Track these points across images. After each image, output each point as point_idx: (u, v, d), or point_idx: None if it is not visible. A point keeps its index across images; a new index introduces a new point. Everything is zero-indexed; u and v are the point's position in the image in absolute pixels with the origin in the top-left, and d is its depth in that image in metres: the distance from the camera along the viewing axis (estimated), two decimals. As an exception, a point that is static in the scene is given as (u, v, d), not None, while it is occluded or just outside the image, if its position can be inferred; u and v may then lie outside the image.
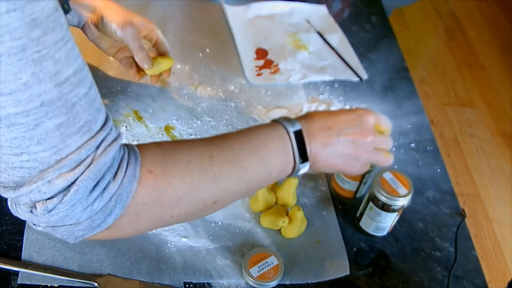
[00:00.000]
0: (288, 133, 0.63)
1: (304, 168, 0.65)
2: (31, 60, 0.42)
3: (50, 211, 0.48)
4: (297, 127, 0.64)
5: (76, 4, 0.86)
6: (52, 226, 0.51)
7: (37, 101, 0.44)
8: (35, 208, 0.49)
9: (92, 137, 0.49)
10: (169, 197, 0.55)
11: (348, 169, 0.68)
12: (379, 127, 0.69)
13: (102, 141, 0.50)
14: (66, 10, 0.67)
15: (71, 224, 0.50)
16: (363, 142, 0.66)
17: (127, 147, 0.55)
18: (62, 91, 0.45)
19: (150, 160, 0.54)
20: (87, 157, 0.49)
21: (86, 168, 0.48)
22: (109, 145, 0.50)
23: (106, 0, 0.87)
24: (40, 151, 0.46)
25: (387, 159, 0.70)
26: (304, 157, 0.64)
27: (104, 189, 0.50)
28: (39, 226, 0.51)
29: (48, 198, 0.48)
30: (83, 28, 0.90)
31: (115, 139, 0.51)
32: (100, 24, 0.87)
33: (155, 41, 0.92)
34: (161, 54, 0.93)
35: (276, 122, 0.65)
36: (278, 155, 0.63)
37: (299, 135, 0.64)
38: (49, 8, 0.43)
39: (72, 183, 0.48)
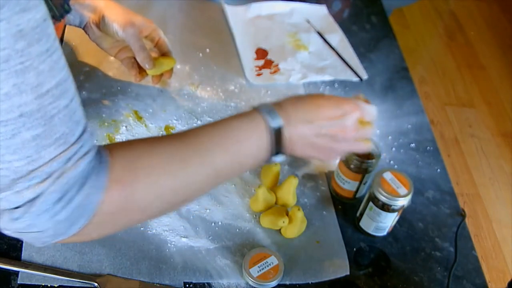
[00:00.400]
0: (267, 127, 0.62)
1: (278, 159, 0.64)
2: (14, 71, 0.42)
3: (16, 219, 0.48)
4: (278, 122, 0.62)
5: (77, 4, 0.86)
6: (18, 232, 0.51)
7: (16, 112, 0.44)
8: (1, 215, 0.49)
9: (66, 149, 0.49)
10: (136, 205, 0.54)
11: (324, 158, 0.68)
12: (363, 120, 0.68)
13: (74, 154, 0.49)
14: (67, 10, 0.67)
15: (36, 232, 0.50)
16: (343, 138, 0.66)
17: (98, 153, 0.53)
18: (42, 103, 0.45)
19: (119, 168, 0.53)
20: (57, 169, 0.48)
21: (55, 181, 0.48)
22: (80, 158, 0.50)
23: (107, 0, 0.87)
24: (14, 160, 0.46)
25: (365, 147, 0.70)
26: (280, 149, 0.63)
27: (70, 200, 0.50)
28: (7, 231, 0.51)
29: (15, 208, 0.48)
30: (84, 28, 0.90)
31: (87, 152, 0.51)
32: (101, 24, 0.87)
33: (156, 41, 0.92)
34: (163, 54, 0.93)
35: (256, 112, 0.63)
36: (252, 151, 0.62)
37: (278, 130, 0.62)
38: (36, 20, 0.43)
39: (40, 194, 0.48)
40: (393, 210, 0.78)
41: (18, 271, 0.70)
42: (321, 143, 0.65)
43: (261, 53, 1.12)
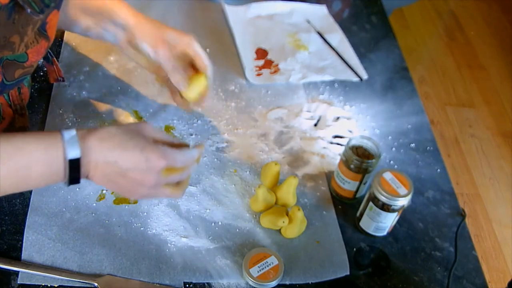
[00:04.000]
0: (64, 157, 0.61)
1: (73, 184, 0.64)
2: None
3: None
4: (75, 154, 0.61)
5: (110, 22, 0.84)
6: None
7: None
8: None
9: None
10: None
11: (127, 196, 0.69)
12: (173, 167, 0.66)
13: None
14: (47, 4, 0.63)
15: None
16: (143, 184, 0.65)
17: None
18: None
19: None
20: None
21: None
22: None
23: (137, 17, 0.83)
24: None
25: (174, 194, 0.69)
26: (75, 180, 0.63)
27: None
28: None
29: None
30: (120, 46, 0.87)
31: None
32: (133, 44, 0.84)
33: (192, 56, 0.84)
34: (199, 69, 0.85)
35: (58, 138, 0.61)
36: (43, 176, 0.62)
37: (75, 163, 0.62)
38: None
39: None
40: (393, 210, 0.78)
41: (18, 271, 0.70)
42: (122, 183, 0.65)
43: (261, 53, 1.12)
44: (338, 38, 1.18)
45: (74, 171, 0.62)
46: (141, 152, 0.64)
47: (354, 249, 0.82)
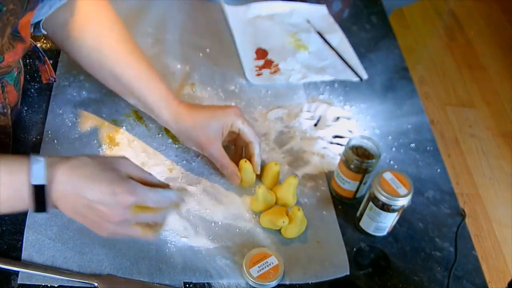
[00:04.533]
0: (28, 182, 0.61)
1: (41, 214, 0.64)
2: None
3: None
4: (40, 180, 0.61)
5: (148, 111, 0.86)
6: None
7: None
8: None
9: None
10: None
11: (93, 230, 0.66)
12: (144, 206, 0.65)
13: None
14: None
15: None
16: (109, 220, 0.63)
17: None
18: None
19: None
20: None
21: None
22: None
23: (172, 113, 0.83)
24: None
25: (144, 235, 0.66)
26: (41, 207, 0.62)
27: None
28: None
29: None
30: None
31: None
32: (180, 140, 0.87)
33: (237, 133, 0.84)
34: (246, 145, 0.86)
35: (25, 162, 0.61)
36: (7, 202, 0.61)
37: (40, 189, 0.61)
38: None
39: None
40: (393, 210, 0.78)
41: (18, 271, 0.70)
42: (89, 216, 0.64)
43: (261, 53, 1.12)
44: (338, 38, 1.18)
45: (39, 198, 0.61)
46: (109, 185, 0.62)
47: (354, 249, 0.82)
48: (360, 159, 0.81)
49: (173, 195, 0.67)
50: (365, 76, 1.11)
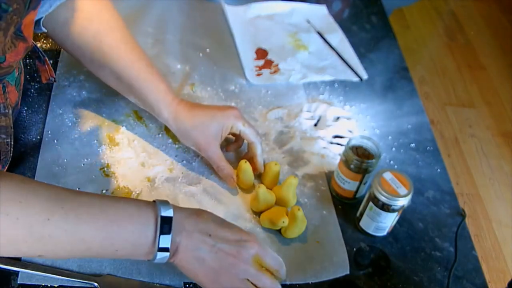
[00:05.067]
0: (156, 215, 0.62)
1: (162, 259, 0.64)
2: None
3: None
4: (169, 213, 0.62)
5: (148, 108, 0.86)
6: None
7: None
8: None
9: None
10: None
11: (206, 284, 0.65)
12: (262, 262, 0.67)
13: None
14: (4, 9, 0.63)
15: None
16: (233, 266, 0.64)
17: None
18: None
19: None
20: None
21: None
22: None
23: (171, 113, 0.84)
24: None
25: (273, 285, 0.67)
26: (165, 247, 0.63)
27: None
28: None
29: None
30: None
31: None
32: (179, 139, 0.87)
33: (238, 134, 0.85)
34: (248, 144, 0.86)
35: (151, 202, 0.64)
36: (130, 236, 0.61)
37: (167, 222, 0.62)
38: None
39: None
40: (393, 210, 0.78)
41: (18, 271, 0.70)
42: (210, 263, 0.64)
43: (261, 53, 1.12)
44: (338, 38, 1.18)
45: (165, 230, 0.62)
46: (238, 232, 0.66)
47: (354, 249, 0.82)
48: (360, 159, 0.81)
49: (277, 260, 0.69)
50: (365, 76, 1.11)
